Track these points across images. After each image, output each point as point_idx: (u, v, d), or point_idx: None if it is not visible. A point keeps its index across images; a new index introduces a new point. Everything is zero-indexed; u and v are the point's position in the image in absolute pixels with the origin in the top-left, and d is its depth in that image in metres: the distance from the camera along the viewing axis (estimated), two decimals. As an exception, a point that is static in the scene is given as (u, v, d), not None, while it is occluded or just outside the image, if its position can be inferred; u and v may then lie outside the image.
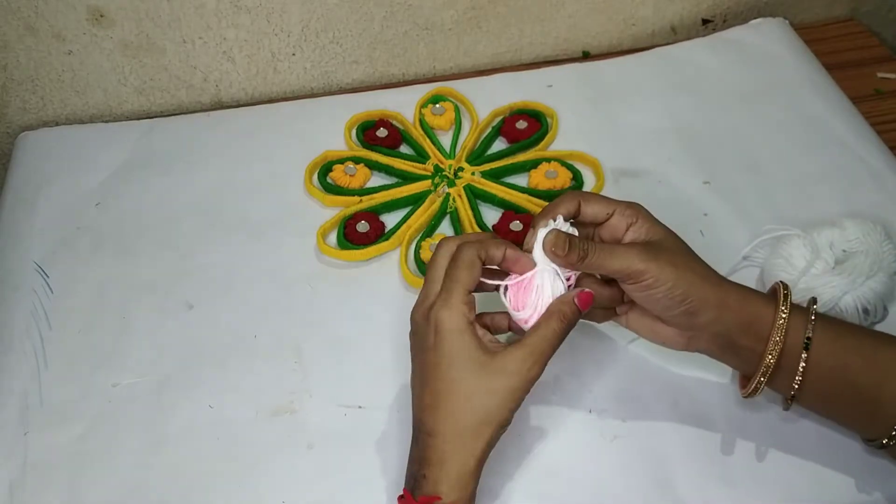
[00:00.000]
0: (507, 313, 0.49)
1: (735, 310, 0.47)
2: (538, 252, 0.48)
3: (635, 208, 0.50)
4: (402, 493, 0.46)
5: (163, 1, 0.73)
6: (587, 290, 0.48)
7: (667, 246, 0.48)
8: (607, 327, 0.57)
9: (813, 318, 0.46)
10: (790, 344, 0.46)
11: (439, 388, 0.46)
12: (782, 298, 0.47)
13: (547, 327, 0.47)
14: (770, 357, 0.46)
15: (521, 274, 0.48)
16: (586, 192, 0.52)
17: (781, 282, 0.48)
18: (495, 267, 0.49)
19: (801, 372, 0.46)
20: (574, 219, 0.50)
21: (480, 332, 0.48)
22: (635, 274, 0.46)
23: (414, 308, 0.49)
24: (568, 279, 0.49)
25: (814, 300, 0.48)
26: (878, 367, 0.46)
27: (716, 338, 0.48)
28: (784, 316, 0.46)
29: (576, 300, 0.47)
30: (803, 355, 0.46)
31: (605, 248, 0.47)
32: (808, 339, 0.46)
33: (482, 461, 0.46)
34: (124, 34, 0.75)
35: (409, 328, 0.58)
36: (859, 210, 0.66)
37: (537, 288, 0.48)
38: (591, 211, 0.50)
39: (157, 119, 0.79)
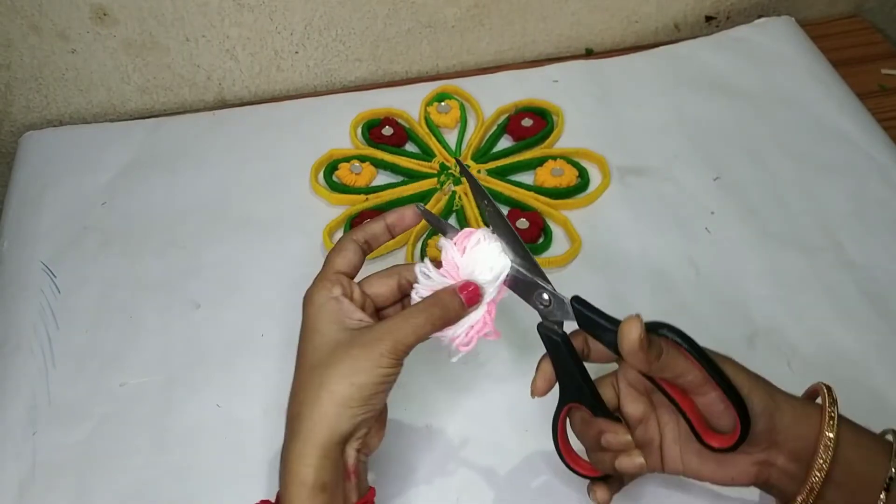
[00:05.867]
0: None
1: (815, 421, 0.40)
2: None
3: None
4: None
5: (166, -1, 0.73)
6: (475, 283, 0.43)
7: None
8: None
9: None
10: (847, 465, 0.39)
11: (298, 365, 0.42)
12: (828, 408, 0.41)
13: (418, 310, 0.42)
14: (817, 476, 0.40)
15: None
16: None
17: (824, 383, 0.42)
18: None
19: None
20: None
21: (351, 307, 0.43)
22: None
23: None
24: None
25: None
26: None
27: (795, 456, 0.41)
28: (830, 436, 0.39)
29: (462, 295, 0.42)
30: (882, 496, 0.39)
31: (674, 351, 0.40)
32: (891, 478, 0.39)
33: (324, 475, 0.40)
34: (128, 33, 0.75)
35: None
36: (867, 206, 0.66)
37: (479, 242, 0.43)
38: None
39: (162, 118, 0.79)
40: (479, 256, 0.43)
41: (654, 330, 0.40)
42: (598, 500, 0.44)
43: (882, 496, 0.40)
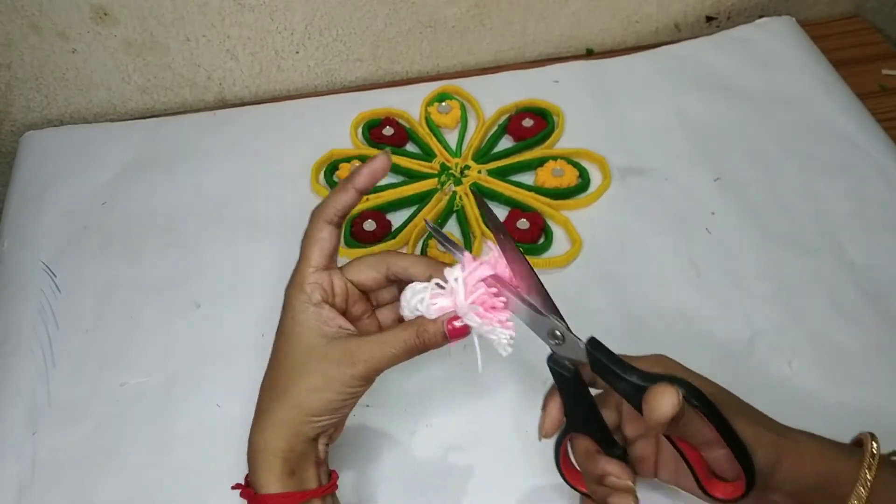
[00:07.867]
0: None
1: (812, 463, 0.40)
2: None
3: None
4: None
5: (167, -1, 0.73)
6: (462, 323, 0.41)
7: (719, 399, 0.40)
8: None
9: None
10: None
11: (272, 359, 0.43)
12: (870, 452, 0.40)
13: (397, 337, 0.41)
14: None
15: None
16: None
17: (870, 433, 0.42)
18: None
19: None
20: None
21: (331, 314, 0.43)
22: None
23: None
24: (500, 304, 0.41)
25: None
26: None
27: (790, 499, 0.41)
28: (868, 476, 0.39)
29: (446, 327, 0.41)
30: None
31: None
32: None
33: (291, 464, 0.41)
34: (128, 32, 0.75)
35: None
36: (867, 206, 0.66)
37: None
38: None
39: (162, 118, 0.79)
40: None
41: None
42: None
43: None
